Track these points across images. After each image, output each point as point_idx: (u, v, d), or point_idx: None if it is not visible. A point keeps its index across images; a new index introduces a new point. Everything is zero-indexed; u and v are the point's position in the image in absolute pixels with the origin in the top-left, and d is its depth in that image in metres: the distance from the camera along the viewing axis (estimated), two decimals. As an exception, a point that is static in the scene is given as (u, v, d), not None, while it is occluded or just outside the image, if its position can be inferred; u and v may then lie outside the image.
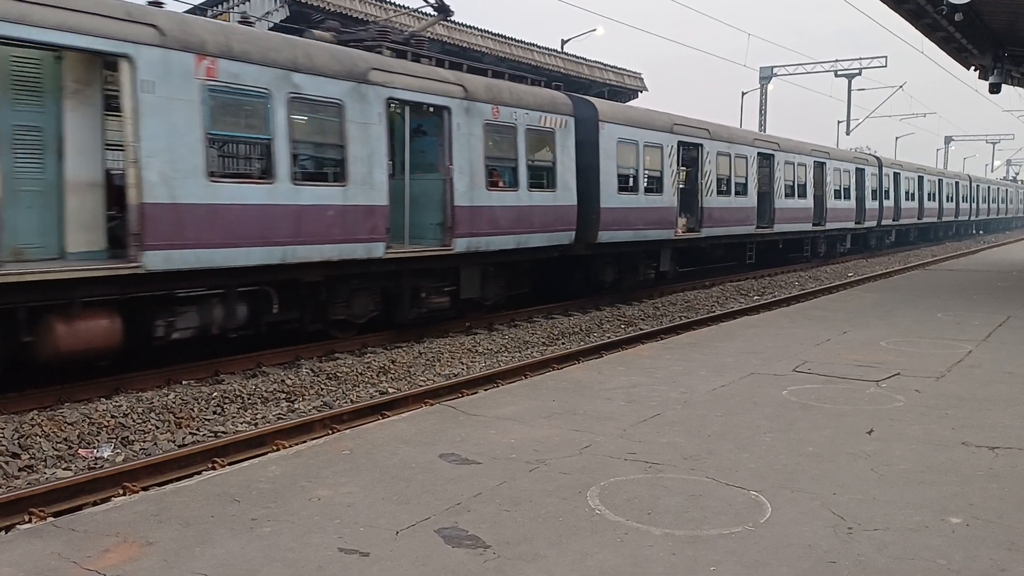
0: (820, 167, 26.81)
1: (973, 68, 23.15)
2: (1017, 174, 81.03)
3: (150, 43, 8.75)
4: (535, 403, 6.78)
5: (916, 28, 19.35)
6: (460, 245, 12.75)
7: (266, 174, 10.07)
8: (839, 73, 39.90)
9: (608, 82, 24.57)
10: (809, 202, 25.99)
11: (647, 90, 26.24)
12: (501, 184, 13.74)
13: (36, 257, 8.37)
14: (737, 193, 21.08)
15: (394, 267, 11.93)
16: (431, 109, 12.50)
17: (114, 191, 9.15)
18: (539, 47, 21.79)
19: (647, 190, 17.40)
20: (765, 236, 23.21)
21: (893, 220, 34.35)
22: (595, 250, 16.19)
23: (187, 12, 16.61)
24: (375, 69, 11.37)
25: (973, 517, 4.32)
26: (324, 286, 11.08)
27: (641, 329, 14.19)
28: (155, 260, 8.79)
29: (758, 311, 14.98)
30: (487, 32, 19.88)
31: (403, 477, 4.89)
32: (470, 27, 19.25)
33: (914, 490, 4.72)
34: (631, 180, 16.85)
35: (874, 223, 31.72)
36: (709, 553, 3.87)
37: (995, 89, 21.99)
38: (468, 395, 8.22)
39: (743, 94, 42.89)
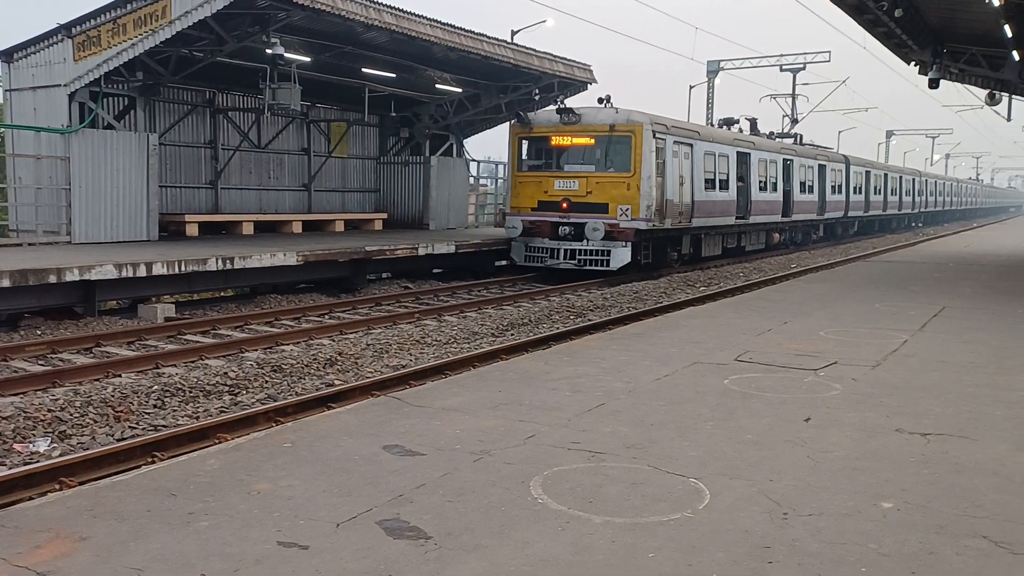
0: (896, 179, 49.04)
1: (913, 64, 23.68)
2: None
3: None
4: (481, 394, 6.78)
5: (858, 23, 19.73)
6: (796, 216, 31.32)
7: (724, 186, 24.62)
8: (784, 67, 40.49)
9: (558, 74, 24.53)
10: (899, 198, 48.86)
11: (596, 82, 26.22)
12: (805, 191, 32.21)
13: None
14: (867, 193, 40.69)
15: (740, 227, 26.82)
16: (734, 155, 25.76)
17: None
18: (489, 37, 21.67)
19: (833, 192, 35.11)
20: (864, 217, 41.59)
21: (924, 208, 56.54)
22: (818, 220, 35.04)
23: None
24: (739, 138, 26.66)
25: (904, 502, 4.44)
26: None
27: (590, 320, 14.29)
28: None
29: (703, 302, 15.17)
30: (436, 21, 19.70)
31: (345, 469, 4.86)
32: (419, 16, 19.08)
33: (848, 476, 4.84)
34: (836, 189, 35.77)
35: (915, 210, 53.37)
36: (648, 540, 3.92)
37: (934, 84, 22.51)
38: (416, 386, 8.19)
39: (691, 87, 43.29)
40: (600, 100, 21.16)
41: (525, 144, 21.51)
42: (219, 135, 22.23)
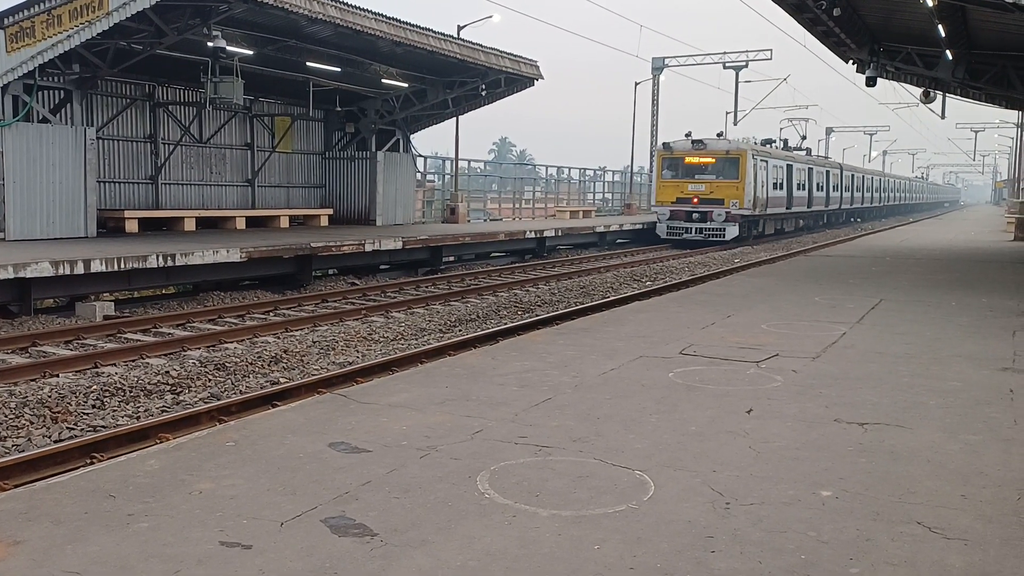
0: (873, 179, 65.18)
1: (851, 62, 24.23)
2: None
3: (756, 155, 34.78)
4: (429, 390, 6.76)
5: (798, 22, 20.11)
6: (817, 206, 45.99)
7: (781, 187, 37.74)
8: (727, 65, 41.11)
9: (505, 69, 24.57)
10: (870, 194, 61.38)
11: (543, 78, 26.34)
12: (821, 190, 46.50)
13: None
14: (852, 190, 54.02)
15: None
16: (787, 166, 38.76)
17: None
18: (435, 32, 21.59)
19: (833, 190, 47.41)
20: (850, 208, 54.70)
21: (887, 203, 68.89)
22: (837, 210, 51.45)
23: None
24: (787, 155, 40.25)
25: (842, 490, 4.55)
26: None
27: (537, 315, 14.34)
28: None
29: (649, 296, 15.34)
30: (381, 15, 19.55)
31: (290, 467, 4.81)
32: (364, 10, 18.91)
33: (788, 466, 4.94)
34: (835, 188, 48.41)
35: (881, 204, 65.74)
36: (594, 532, 3.95)
37: (871, 83, 23.08)
38: (362, 383, 8.13)
39: (636, 84, 43.65)
40: (718, 134, 34.62)
41: (666, 161, 33.99)
42: (159, 129, 21.78)
